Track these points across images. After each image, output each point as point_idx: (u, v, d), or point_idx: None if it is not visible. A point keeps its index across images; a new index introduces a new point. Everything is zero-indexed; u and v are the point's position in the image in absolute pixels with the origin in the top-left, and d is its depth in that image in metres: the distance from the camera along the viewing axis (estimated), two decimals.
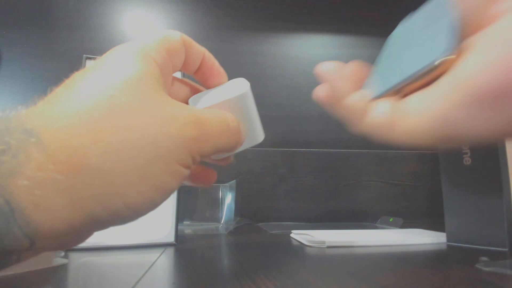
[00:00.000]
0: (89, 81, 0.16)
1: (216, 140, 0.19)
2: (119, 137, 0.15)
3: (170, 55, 0.19)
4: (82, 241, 0.18)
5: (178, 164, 0.17)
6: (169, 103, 0.17)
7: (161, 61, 0.18)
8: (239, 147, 0.22)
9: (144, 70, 0.17)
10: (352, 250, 0.33)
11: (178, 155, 0.17)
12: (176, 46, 0.19)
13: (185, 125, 0.17)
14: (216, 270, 0.26)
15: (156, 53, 0.18)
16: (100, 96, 0.15)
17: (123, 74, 0.16)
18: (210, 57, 0.22)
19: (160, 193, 0.17)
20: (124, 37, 0.64)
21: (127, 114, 0.15)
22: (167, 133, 0.16)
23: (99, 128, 0.15)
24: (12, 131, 0.14)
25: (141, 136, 0.16)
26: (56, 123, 0.15)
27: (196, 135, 0.18)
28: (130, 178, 0.15)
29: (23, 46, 0.59)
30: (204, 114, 0.19)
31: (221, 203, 0.55)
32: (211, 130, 0.19)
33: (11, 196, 0.13)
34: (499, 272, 0.24)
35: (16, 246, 0.13)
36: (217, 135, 0.19)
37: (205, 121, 0.18)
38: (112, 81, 0.16)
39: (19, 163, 0.13)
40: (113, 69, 0.17)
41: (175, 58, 0.20)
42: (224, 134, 0.20)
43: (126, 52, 0.17)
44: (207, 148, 0.18)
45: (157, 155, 0.16)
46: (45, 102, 0.15)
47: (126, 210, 0.16)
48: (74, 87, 0.16)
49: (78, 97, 0.15)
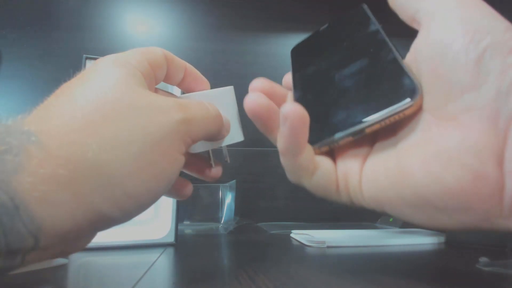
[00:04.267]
0: (76, 86, 0.17)
1: (200, 122, 0.20)
2: (111, 129, 0.16)
3: (152, 66, 0.20)
4: (84, 244, 0.18)
5: (172, 149, 0.18)
6: (152, 94, 0.18)
7: (143, 70, 0.19)
8: (224, 133, 0.23)
9: (126, 72, 0.18)
10: (352, 250, 0.33)
11: (170, 140, 0.18)
12: (157, 58, 0.20)
13: (169, 109, 0.18)
14: (216, 270, 0.26)
15: (137, 62, 0.19)
16: (89, 95, 0.16)
17: (108, 76, 0.17)
18: (192, 68, 0.24)
19: (159, 181, 0.18)
20: (124, 37, 0.64)
21: (116, 107, 0.16)
22: (154, 120, 0.17)
23: (91, 123, 0.16)
24: (12, 132, 0.14)
25: (131, 126, 0.16)
26: (51, 123, 0.15)
27: (182, 117, 0.18)
28: (128, 168, 0.16)
29: (23, 46, 0.59)
30: (185, 100, 0.20)
31: (221, 203, 0.55)
32: (194, 113, 0.20)
33: (15, 193, 0.13)
34: (499, 272, 0.24)
35: (21, 245, 0.13)
36: (200, 118, 0.20)
37: (187, 105, 0.20)
38: (98, 82, 0.17)
39: (21, 161, 0.13)
40: (97, 74, 0.18)
41: (157, 69, 0.21)
42: (206, 118, 0.21)
43: (109, 61, 0.18)
44: (195, 130, 0.20)
45: (150, 142, 0.17)
46: (39, 109, 0.16)
47: (128, 201, 0.16)
48: (64, 93, 0.17)
49: (68, 100, 0.16)
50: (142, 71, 0.19)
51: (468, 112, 0.15)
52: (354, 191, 0.19)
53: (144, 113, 0.17)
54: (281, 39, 0.70)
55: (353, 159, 0.20)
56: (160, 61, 0.21)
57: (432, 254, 0.33)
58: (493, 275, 0.23)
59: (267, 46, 0.69)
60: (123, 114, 0.16)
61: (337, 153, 0.21)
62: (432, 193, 0.16)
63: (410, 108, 0.17)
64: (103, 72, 0.18)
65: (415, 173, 0.16)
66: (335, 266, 0.26)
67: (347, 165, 0.20)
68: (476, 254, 0.26)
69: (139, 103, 0.17)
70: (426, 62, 0.17)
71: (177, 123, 0.18)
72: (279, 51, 0.69)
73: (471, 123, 0.15)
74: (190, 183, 0.24)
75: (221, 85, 0.25)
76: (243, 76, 0.66)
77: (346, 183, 0.20)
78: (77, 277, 0.24)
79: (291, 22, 0.71)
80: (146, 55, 0.20)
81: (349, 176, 0.20)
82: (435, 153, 0.16)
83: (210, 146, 0.24)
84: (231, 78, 0.68)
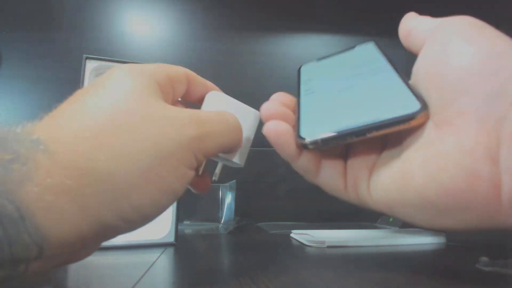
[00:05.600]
0: (90, 94, 0.17)
1: (217, 137, 0.19)
2: (121, 140, 0.15)
3: (170, 80, 0.20)
4: (88, 254, 0.18)
5: (181, 164, 0.17)
6: (168, 107, 0.18)
7: (160, 81, 0.19)
8: (240, 145, 0.22)
9: (141, 82, 0.18)
10: (352, 250, 0.33)
11: (181, 155, 0.17)
12: (176, 73, 0.20)
13: (184, 124, 0.18)
14: (216, 270, 0.26)
15: (154, 73, 0.19)
16: (101, 105, 0.16)
17: (122, 85, 0.17)
18: (214, 87, 0.23)
19: (166, 195, 0.17)
20: (124, 37, 0.64)
21: (128, 118, 0.16)
22: (167, 134, 0.17)
23: (102, 133, 0.15)
24: (21, 141, 0.14)
25: (143, 138, 0.16)
26: (61, 132, 0.15)
27: (196, 134, 0.18)
28: (135, 181, 0.16)
29: (23, 46, 0.59)
30: (203, 113, 0.19)
31: (221, 203, 0.55)
32: (211, 129, 0.19)
33: (22, 203, 0.13)
34: (499, 272, 0.24)
35: (25, 254, 0.13)
36: (217, 132, 0.19)
37: (205, 120, 0.19)
38: (112, 91, 0.17)
39: (28, 170, 0.13)
40: (112, 83, 0.17)
41: (176, 84, 0.20)
42: (224, 131, 0.20)
43: (124, 69, 0.18)
44: (209, 147, 0.19)
45: (160, 156, 0.16)
46: (49, 116, 0.16)
47: (133, 213, 0.16)
48: (76, 102, 0.17)
49: (80, 109, 0.16)
50: (159, 82, 0.19)
51: (462, 116, 0.16)
52: (363, 193, 0.21)
53: (156, 126, 0.17)
54: (281, 39, 0.70)
55: (363, 163, 0.21)
56: (180, 75, 0.20)
57: (432, 254, 0.33)
58: (493, 275, 0.23)
59: (267, 46, 0.69)
60: (135, 125, 0.16)
61: (349, 157, 0.22)
62: (432, 194, 0.16)
63: (407, 123, 0.18)
64: (117, 80, 0.17)
65: (415, 176, 0.17)
66: (335, 266, 0.26)
67: (356, 168, 0.21)
68: (476, 254, 0.26)
69: (152, 115, 0.17)
70: (423, 75, 0.19)
71: (190, 139, 0.18)
72: (279, 51, 0.69)
73: (464, 126, 0.16)
74: (208, 179, 0.23)
75: (220, 85, 0.25)
76: (243, 76, 0.66)
77: (355, 185, 0.21)
78: (77, 277, 0.24)
79: (291, 22, 0.71)
80: (166, 68, 0.20)
81: (358, 179, 0.21)
82: (433, 155, 0.17)
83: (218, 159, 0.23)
84: (231, 78, 0.68)
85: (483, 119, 0.15)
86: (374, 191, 0.20)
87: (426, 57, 0.19)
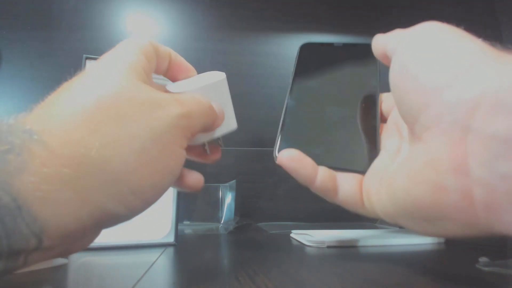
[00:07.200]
0: (77, 84, 0.17)
1: (198, 115, 0.20)
2: (113, 125, 0.16)
3: (147, 59, 0.20)
4: (88, 242, 0.18)
5: (174, 144, 0.18)
6: (153, 90, 0.18)
7: (142, 64, 0.19)
8: (219, 123, 0.23)
9: (127, 67, 0.18)
10: (352, 250, 0.33)
11: (172, 135, 0.18)
12: (149, 49, 0.21)
13: (169, 105, 0.18)
14: (216, 270, 0.26)
15: (137, 58, 0.19)
16: (91, 93, 0.16)
17: (108, 72, 0.17)
18: (176, 55, 0.24)
19: (163, 175, 0.18)
20: (124, 37, 0.64)
21: (117, 103, 0.16)
22: (156, 115, 0.17)
23: (94, 120, 0.15)
24: (14, 131, 0.14)
25: (133, 122, 0.16)
26: (53, 122, 0.15)
27: (181, 112, 0.19)
28: (131, 164, 0.16)
29: (23, 46, 0.59)
30: (180, 95, 0.21)
31: (221, 203, 0.55)
32: (191, 108, 0.20)
33: (18, 193, 0.13)
34: (499, 272, 0.24)
35: (23, 246, 0.13)
36: (197, 112, 0.20)
37: (183, 100, 0.20)
38: (99, 79, 0.17)
39: (24, 160, 0.13)
40: (98, 71, 0.18)
41: (151, 62, 0.21)
42: (201, 111, 0.21)
43: (109, 57, 0.19)
44: (194, 124, 0.20)
45: (152, 138, 0.17)
46: (40, 107, 0.16)
47: (133, 197, 0.16)
48: (65, 91, 0.17)
49: (69, 97, 0.16)
50: (143, 66, 0.19)
51: (428, 131, 0.16)
52: (373, 207, 0.21)
53: (145, 109, 0.17)
54: (281, 39, 0.70)
55: (372, 179, 0.22)
56: (152, 51, 0.21)
57: (432, 254, 0.33)
58: (493, 275, 0.23)
59: (267, 46, 0.69)
60: (124, 110, 0.16)
61: None
62: (410, 207, 0.17)
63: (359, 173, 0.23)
64: (103, 69, 0.18)
65: (396, 190, 0.18)
66: (335, 266, 0.26)
67: (367, 184, 0.22)
68: (476, 254, 0.26)
69: (140, 99, 0.17)
70: (393, 89, 0.19)
71: (178, 118, 0.18)
72: (279, 51, 0.69)
73: (431, 141, 0.16)
74: (199, 174, 0.23)
75: None
76: (243, 76, 0.66)
77: (369, 200, 0.22)
78: (77, 277, 0.24)
79: (291, 22, 0.71)
80: (141, 48, 0.20)
81: (369, 194, 0.22)
82: (406, 171, 0.17)
83: (207, 137, 0.24)
84: (231, 78, 0.68)
85: (447, 132, 0.15)
86: (376, 204, 0.21)
87: (392, 72, 0.19)
